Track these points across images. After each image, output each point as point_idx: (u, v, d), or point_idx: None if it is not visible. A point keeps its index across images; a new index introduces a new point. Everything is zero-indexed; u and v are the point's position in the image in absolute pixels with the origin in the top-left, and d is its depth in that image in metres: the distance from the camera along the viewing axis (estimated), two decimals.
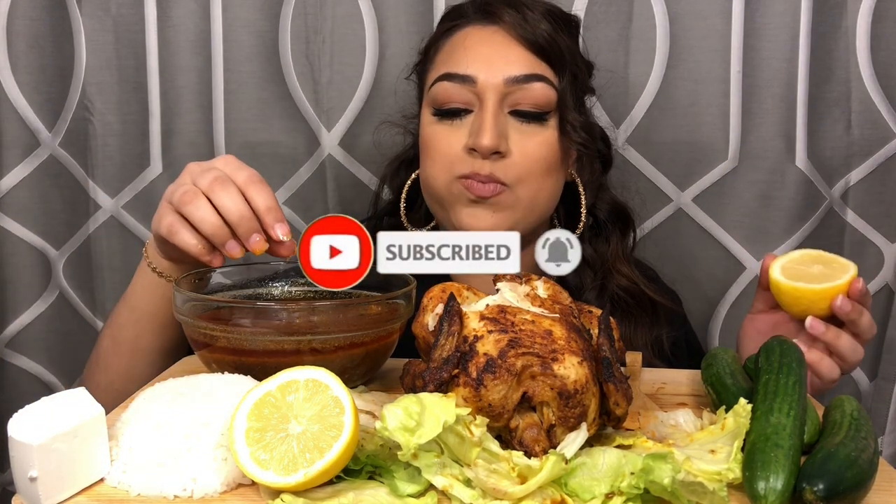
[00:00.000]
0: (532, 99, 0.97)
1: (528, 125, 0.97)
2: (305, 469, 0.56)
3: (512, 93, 0.96)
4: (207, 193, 0.79)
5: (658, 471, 0.55)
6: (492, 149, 0.94)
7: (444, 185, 0.99)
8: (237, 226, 0.79)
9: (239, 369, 0.72)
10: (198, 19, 1.23)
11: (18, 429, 0.56)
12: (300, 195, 1.27)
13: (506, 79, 0.96)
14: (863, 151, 1.24)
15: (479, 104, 0.97)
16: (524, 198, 0.97)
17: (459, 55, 0.99)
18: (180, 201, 0.80)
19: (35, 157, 1.28)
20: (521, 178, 0.96)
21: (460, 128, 0.98)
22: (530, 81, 0.96)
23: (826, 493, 0.55)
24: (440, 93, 0.98)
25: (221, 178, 0.80)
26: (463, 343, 0.65)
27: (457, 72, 0.97)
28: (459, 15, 1.04)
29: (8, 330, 1.33)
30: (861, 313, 0.88)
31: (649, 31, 1.22)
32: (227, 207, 0.79)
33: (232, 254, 0.79)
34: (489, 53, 0.97)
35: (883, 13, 1.21)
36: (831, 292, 0.87)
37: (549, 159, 0.98)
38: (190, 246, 0.81)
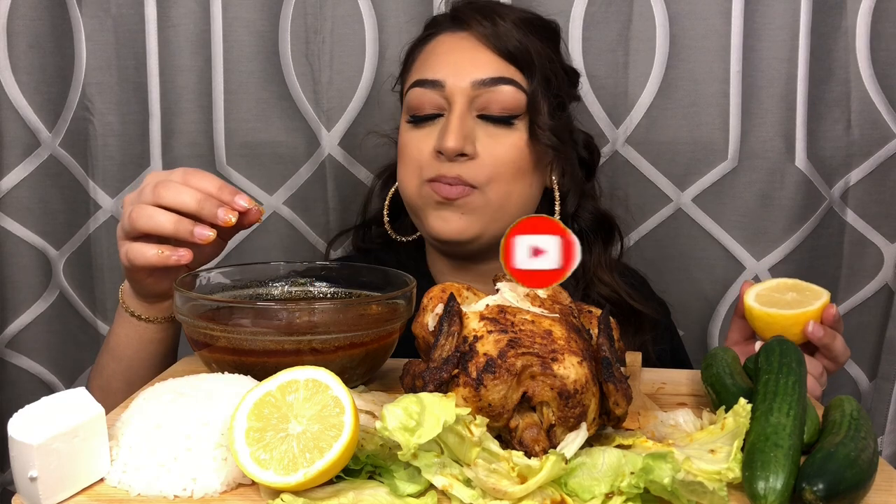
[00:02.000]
0: (499, 102, 0.97)
1: (496, 128, 0.98)
2: (305, 469, 0.56)
3: (479, 96, 0.97)
4: (156, 202, 0.80)
5: (658, 470, 0.55)
6: (456, 150, 0.95)
7: (415, 190, 1.00)
8: (199, 210, 0.79)
9: (239, 369, 0.72)
10: (198, 19, 1.23)
11: (18, 429, 0.56)
12: (300, 195, 1.27)
13: (472, 82, 0.97)
14: (863, 151, 1.24)
15: (448, 108, 0.98)
16: (494, 200, 0.98)
17: (430, 62, 1.01)
18: (130, 223, 0.81)
19: (35, 157, 1.28)
20: (489, 179, 0.97)
21: (431, 133, 0.99)
22: (497, 84, 0.97)
23: (826, 492, 0.55)
24: (412, 99, 1.00)
25: (161, 183, 0.80)
26: (463, 343, 0.65)
27: (426, 77, 0.99)
28: (434, 25, 1.06)
29: (8, 330, 1.33)
30: (834, 338, 0.90)
31: (649, 31, 1.22)
32: (181, 200, 0.79)
33: (204, 237, 0.79)
34: (457, 58, 0.99)
35: (883, 13, 1.21)
36: (803, 318, 0.90)
37: (519, 162, 0.99)
38: (151, 258, 0.80)
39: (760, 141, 1.22)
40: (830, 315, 0.90)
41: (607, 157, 1.24)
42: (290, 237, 1.28)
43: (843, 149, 1.24)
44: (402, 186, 1.03)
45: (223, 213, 0.80)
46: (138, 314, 0.89)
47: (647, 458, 0.56)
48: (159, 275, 0.85)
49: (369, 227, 1.16)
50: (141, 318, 0.89)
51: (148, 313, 0.89)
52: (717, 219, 1.25)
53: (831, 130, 1.24)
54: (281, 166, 1.27)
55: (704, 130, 1.23)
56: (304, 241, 1.29)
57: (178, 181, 0.81)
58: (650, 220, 1.26)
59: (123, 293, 0.90)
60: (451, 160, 0.96)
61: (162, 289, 0.87)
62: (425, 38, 1.06)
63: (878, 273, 1.27)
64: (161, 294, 0.88)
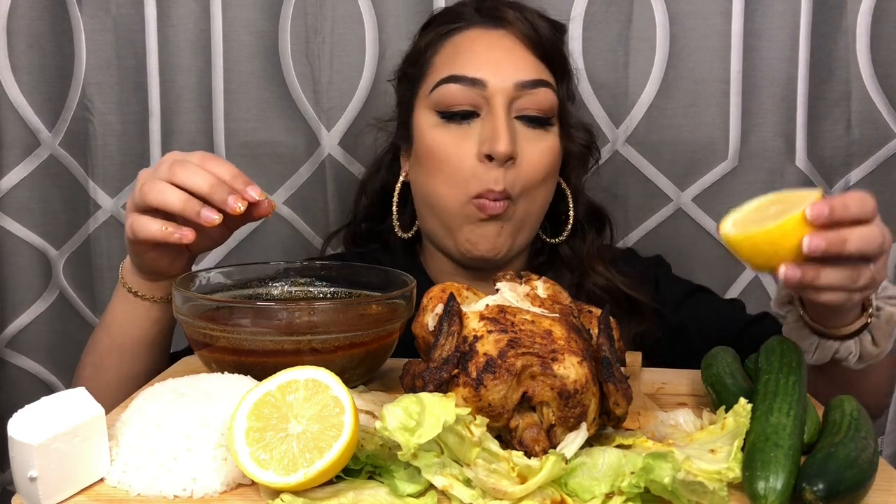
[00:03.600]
0: (538, 104, 0.97)
1: (534, 130, 0.98)
2: (305, 469, 0.56)
3: (519, 97, 0.96)
4: (170, 179, 0.80)
5: (658, 470, 0.55)
6: (508, 154, 0.93)
7: (458, 207, 0.97)
8: (210, 194, 0.79)
9: (239, 369, 0.72)
10: (198, 19, 1.23)
11: (18, 429, 0.56)
12: (300, 195, 1.27)
13: (515, 83, 0.96)
14: (863, 151, 1.24)
15: (488, 108, 0.96)
16: (531, 212, 0.99)
17: (466, 58, 0.98)
18: (140, 195, 0.81)
19: (35, 157, 1.28)
20: (525, 188, 0.97)
21: (468, 134, 0.96)
22: (537, 87, 0.97)
23: (826, 492, 0.55)
24: (447, 95, 0.97)
25: (178, 162, 0.80)
26: (463, 343, 0.65)
27: (465, 74, 0.96)
28: (458, 18, 1.03)
29: (8, 330, 1.33)
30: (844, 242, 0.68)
31: (649, 31, 1.22)
32: (194, 182, 0.79)
33: (209, 220, 0.79)
34: (498, 57, 0.97)
35: (883, 13, 1.21)
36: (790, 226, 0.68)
37: (552, 167, 0.99)
38: (154, 232, 0.80)
39: (760, 141, 1.22)
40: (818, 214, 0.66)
41: (607, 157, 1.24)
42: (290, 237, 1.28)
43: (843, 149, 1.24)
44: (437, 197, 0.99)
45: (233, 200, 0.79)
46: (136, 291, 0.88)
47: (648, 457, 0.56)
48: (160, 251, 0.85)
49: (359, 225, 1.16)
50: (138, 294, 0.88)
51: (146, 291, 0.88)
52: (717, 219, 1.25)
53: (831, 130, 1.24)
54: (281, 166, 1.26)
55: (704, 130, 1.23)
56: (304, 241, 1.29)
57: (195, 163, 0.80)
58: (650, 220, 1.26)
59: (124, 269, 0.90)
60: (501, 165, 0.94)
61: (162, 266, 0.86)
62: (450, 32, 1.02)
63: None
64: (160, 272, 0.87)
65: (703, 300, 1.10)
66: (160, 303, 0.90)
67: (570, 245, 1.07)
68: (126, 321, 0.91)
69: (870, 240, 0.69)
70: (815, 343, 0.84)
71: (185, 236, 0.80)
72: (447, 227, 1.00)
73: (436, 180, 0.98)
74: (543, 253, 1.09)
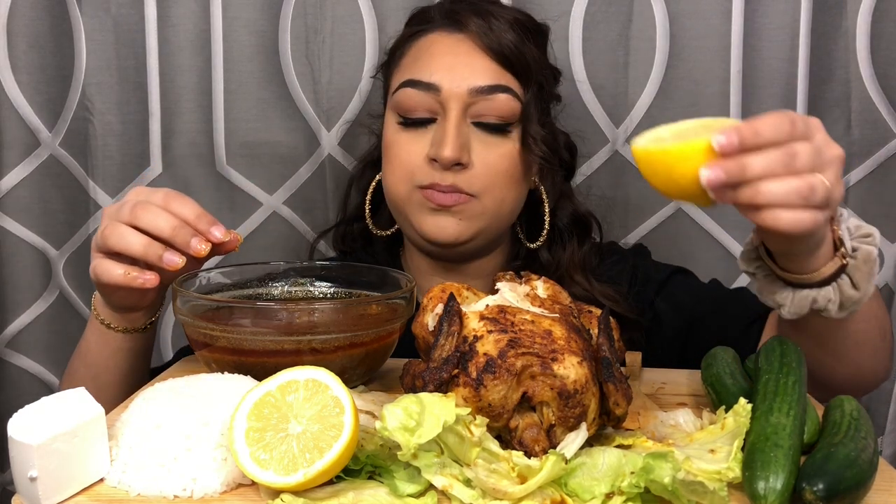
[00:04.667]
0: (495, 110, 0.96)
1: (491, 136, 0.97)
2: (305, 469, 0.56)
3: (475, 103, 0.96)
4: (132, 222, 0.79)
5: (658, 470, 0.55)
6: (453, 160, 0.93)
7: (404, 194, 0.98)
8: (173, 238, 0.79)
9: (239, 369, 0.72)
10: (198, 19, 1.23)
11: (18, 429, 0.56)
12: (300, 195, 1.27)
13: (470, 89, 0.95)
14: (863, 151, 1.23)
15: (443, 113, 0.96)
16: (490, 207, 0.97)
17: (424, 61, 0.98)
18: (102, 239, 0.80)
19: (35, 157, 1.28)
20: (485, 188, 0.96)
21: (423, 136, 0.97)
22: (494, 92, 0.96)
23: (826, 493, 0.55)
24: (404, 100, 0.98)
25: (140, 204, 0.80)
26: (463, 343, 0.65)
27: (421, 79, 0.97)
28: (426, 20, 1.03)
29: (8, 330, 1.33)
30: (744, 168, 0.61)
31: (649, 31, 1.22)
32: (155, 225, 0.79)
33: (172, 265, 0.79)
34: (454, 62, 0.97)
35: (883, 13, 1.21)
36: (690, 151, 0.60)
37: (512, 171, 0.98)
38: (116, 277, 0.80)
39: None
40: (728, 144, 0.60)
41: (607, 157, 1.24)
42: (290, 237, 1.28)
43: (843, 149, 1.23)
44: (388, 186, 1.01)
45: (196, 242, 0.79)
46: (107, 323, 0.88)
47: (648, 457, 0.56)
48: (128, 290, 0.84)
49: (350, 224, 1.16)
50: (110, 326, 0.88)
51: (117, 323, 0.89)
52: (717, 219, 1.25)
53: (831, 130, 1.22)
54: (281, 166, 1.26)
55: None
56: (304, 241, 1.29)
57: (158, 204, 0.80)
58: (650, 220, 1.26)
59: (95, 301, 0.90)
60: (447, 169, 0.94)
61: (130, 303, 0.87)
62: (416, 34, 1.03)
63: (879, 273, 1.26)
64: (130, 307, 0.87)
65: (683, 282, 1.09)
66: (133, 333, 0.90)
67: (550, 252, 1.06)
68: (101, 351, 0.91)
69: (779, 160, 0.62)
70: (790, 295, 0.76)
71: (149, 281, 0.80)
72: (402, 214, 1.01)
73: (388, 172, 1.01)
74: (520, 258, 1.08)
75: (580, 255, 1.06)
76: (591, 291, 1.03)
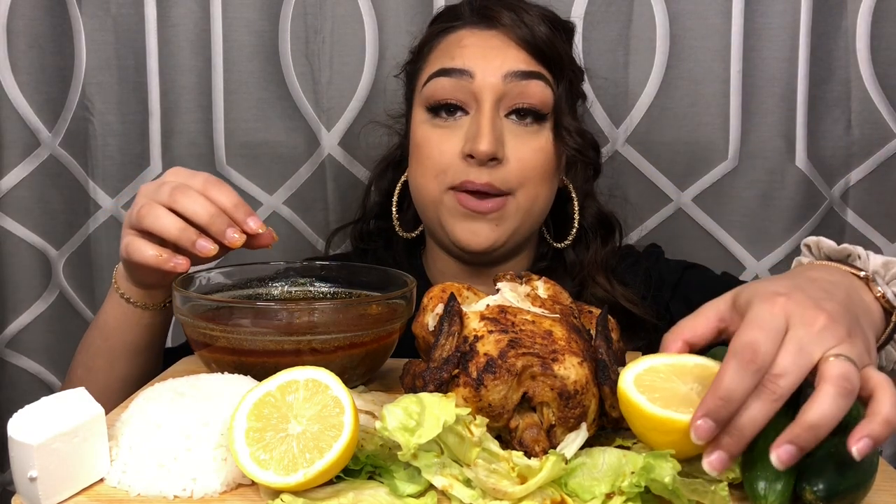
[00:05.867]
0: (530, 97, 0.95)
1: (526, 128, 0.96)
2: (305, 469, 0.56)
3: (509, 92, 0.94)
4: (170, 204, 0.79)
5: (659, 469, 0.55)
6: (490, 154, 0.92)
7: (436, 196, 0.97)
8: (209, 225, 0.78)
9: (239, 369, 0.72)
10: (198, 19, 1.23)
11: (18, 429, 0.56)
12: (300, 195, 1.27)
13: (504, 74, 0.94)
14: (863, 151, 1.23)
15: (476, 106, 0.95)
16: (523, 204, 0.96)
17: (456, 52, 0.97)
18: (138, 218, 0.80)
19: (35, 157, 1.28)
20: (519, 184, 0.95)
21: (454, 132, 0.95)
22: (529, 78, 0.95)
23: (826, 493, 0.55)
24: (437, 90, 0.96)
25: (180, 187, 0.80)
26: (463, 343, 0.65)
27: (453, 66, 0.95)
28: (455, 17, 1.02)
29: (8, 330, 1.33)
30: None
31: (649, 31, 1.22)
32: (193, 211, 0.78)
33: (205, 251, 0.79)
34: (487, 52, 0.96)
35: (883, 13, 1.21)
36: (669, 426, 0.56)
37: (546, 166, 0.97)
38: (148, 258, 0.80)
39: (760, 141, 1.22)
40: (704, 431, 0.54)
41: (607, 157, 1.24)
42: (290, 237, 1.28)
43: (843, 149, 1.24)
44: (418, 188, 0.99)
45: (231, 232, 0.79)
46: (127, 297, 0.88)
47: (648, 457, 0.56)
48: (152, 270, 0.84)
49: (368, 222, 1.15)
50: (131, 301, 0.88)
51: (139, 298, 0.88)
52: (717, 219, 1.25)
53: (831, 130, 1.24)
54: (281, 166, 1.26)
55: (704, 130, 1.23)
56: (304, 241, 1.29)
57: (197, 188, 0.80)
58: (650, 220, 1.26)
59: (117, 275, 0.89)
60: (482, 165, 0.93)
61: (153, 281, 0.86)
62: (446, 30, 1.01)
63: None
64: (153, 284, 0.87)
65: (694, 279, 1.08)
66: (153, 309, 0.89)
67: (575, 251, 1.06)
68: (119, 325, 0.90)
69: (764, 405, 0.55)
70: None
71: (179, 265, 0.80)
72: (432, 218, 0.99)
73: (418, 173, 0.99)
74: (546, 258, 1.07)
75: (603, 256, 1.05)
76: (612, 293, 1.02)
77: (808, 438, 0.54)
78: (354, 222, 1.17)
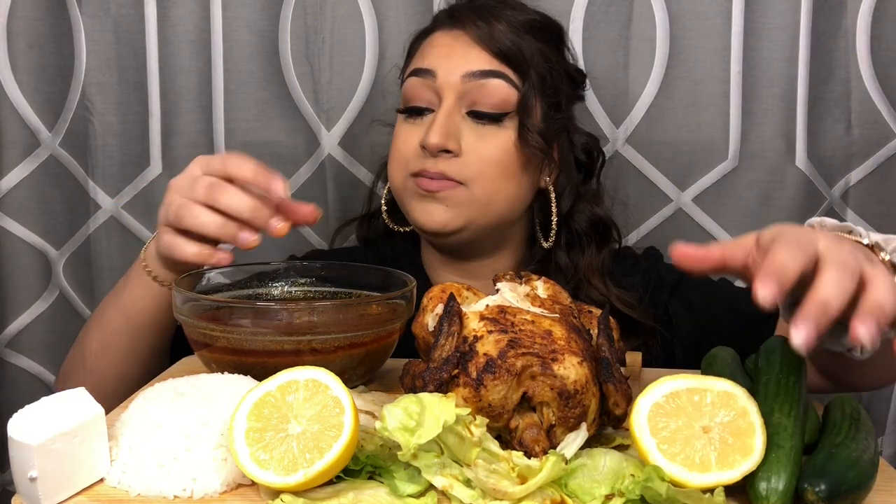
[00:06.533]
0: (490, 97, 0.97)
1: (485, 126, 0.98)
2: (305, 469, 0.56)
3: (470, 91, 0.97)
4: (207, 202, 0.80)
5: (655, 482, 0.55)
6: (438, 146, 0.95)
7: (400, 183, 1.01)
8: (252, 220, 0.80)
9: (239, 369, 0.72)
10: (198, 19, 1.23)
11: (18, 429, 0.56)
12: (300, 195, 1.27)
13: (463, 74, 0.97)
14: (863, 151, 1.23)
15: (438, 103, 0.98)
16: (479, 196, 0.97)
17: (425, 53, 1.02)
18: (176, 218, 0.81)
19: (35, 157, 1.28)
20: (474, 177, 0.97)
21: (420, 126, 0.99)
22: (488, 77, 0.97)
23: (828, 493, 0.55)
24: (407, 90, 1.01)
25: (213, 184, 0.80)
26: (463, 343, 0.65)
27: (420, 66, 1.00)
28: (435, 20, 1.07)
29: (8, 330, 1.33)
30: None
31: (649, 31, 1.22)
32: (234, 207, 0.79)
33: (248, 244, 0.80)
34: (451, 52, 0.99)
35: (883, 13, 1.21)
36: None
37: (506, 162, 0.98)
38: (190, 255, 0.82)
39: (760, 141, 1.22)
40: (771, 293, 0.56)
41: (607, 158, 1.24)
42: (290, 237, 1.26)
43: (843, 149, 1.24)
44: (390, 178, 1.04)
45: (276, 221, 0.80)
46: (154, 275, 0.89)
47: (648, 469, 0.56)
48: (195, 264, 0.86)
49: (372, 218, 1.17)
50: (157, 279, 0.89)
51: (166, 279, 0.89)
52: (717, 219, 1.25)
53: (831, 130, 1.24)
54: (281, 166, 1.26)
55: (704, 130, 1.23)
56: (304, 241, 1.28)
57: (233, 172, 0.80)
58: (650, 220, 1.26)
59: (148, 257, 0.89)
60: (435, 156, 0.96)
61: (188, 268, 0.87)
62: (424, 32, 1.06)
63: None
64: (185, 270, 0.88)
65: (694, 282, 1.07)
66: None
67: (569, 256, 1.06)
68: (146, 305, 0.91)
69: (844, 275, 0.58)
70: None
71: (223, 260, 0.82)
72: (401, 203, 1.03)
73: (391, 165, 1.04)
74: (533, 262, 1.07)
75: (599, 261, 1.06)
76: (608, 296, 1.03)
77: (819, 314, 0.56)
78: (360, 218, 1.18)
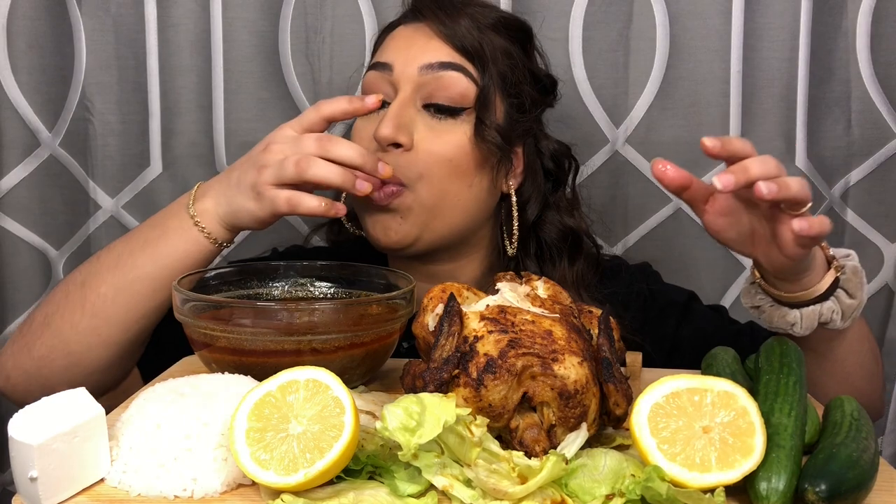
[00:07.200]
0: (446, 89, 0.94)
1: (440, 121, 0.94)
2: (305, 469, 0.56)
3: (427, 84, 0.94)
4: (321, 154, 0.84)
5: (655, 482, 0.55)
6: (388, 139, 0.91)
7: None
8: (364, 164, 0.86)
9: (239, 369, 0.72)
10: (198, 19, 1.23)
11: (18, 429, 0.56)
12: None
13: (421, 66, 0.94)
14: (863, 151, 1.23)
15: (394, 96, 0.95)
16: (427, 199, 0.94)
17: (385, 48, 1.00)
18: (297, 171, 0.84)
19: (35, 157, 1.28)
20: (420, 175, 0.93)
21: (375, 121, 0.95)
22: (445, 69, 0.94)
23: (828, 493, 0.55)
24: (366, 84, 0.99)
25: (322, 137, 0.86)
26: (463, 343, 0.65)
27: (378, 60, 0.99)
28: (399, 17, 1.04)
29: (8, 330, 1.33)
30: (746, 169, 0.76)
31: (649, 31, 1.22)
32: (347, 155, 0.85)
33: (365, 189, 0.86)
34: (410, 44, 0.97)
35: (883, 13, 1.21)
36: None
37: (457, 160, 0.94)
38: (314, 208, 0.85)
39: (760, 141, 1.22)
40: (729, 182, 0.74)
41: (607, 158, 1.24)
42: (289, 237, 1.28)
43: (843, 149, 1.24)
44: None
45: (381, 166, 0.87)
46: (208, 232, 0.89)
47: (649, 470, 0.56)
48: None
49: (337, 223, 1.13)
50: (210, 236, 0.90)
51: (221, 236, 0.90)
52: None
53: (831, 130, 1.24)
54: None
55: (704, 130, 1.22)
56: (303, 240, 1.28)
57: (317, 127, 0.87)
58: (650, 220, 1.26)
59: (205, 214, 0.89)
60: (385, 150, 0.93)
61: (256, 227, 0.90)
62: (389, 28, 1.04)
63: (879, 273, 1.26)
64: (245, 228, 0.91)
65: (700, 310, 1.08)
66: (228, 246, 0.93)
67: (539, 266, 1.02)
68: (188, 258, 0.90)
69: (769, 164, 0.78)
70: (798, 314, 0.85)
71: (341, 211, 0.87)
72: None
73: None
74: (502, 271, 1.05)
75: (573, 273, 1.02)
76: None
77: (740, 171, 0.75)
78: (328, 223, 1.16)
